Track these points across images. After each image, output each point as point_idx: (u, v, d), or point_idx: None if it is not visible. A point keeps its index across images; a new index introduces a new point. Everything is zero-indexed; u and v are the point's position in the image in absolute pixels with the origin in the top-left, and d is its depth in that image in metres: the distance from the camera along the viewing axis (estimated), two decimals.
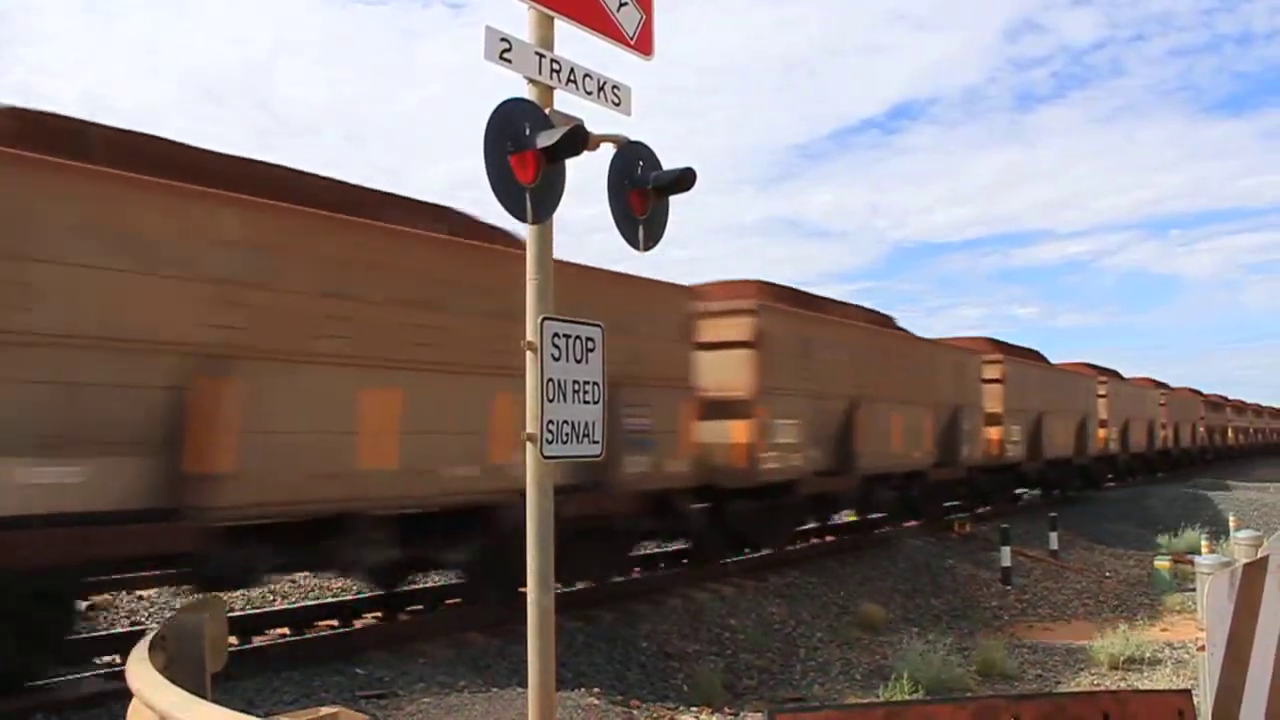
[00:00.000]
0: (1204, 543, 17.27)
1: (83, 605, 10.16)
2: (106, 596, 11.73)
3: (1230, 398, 62.72)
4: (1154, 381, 42.66)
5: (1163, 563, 18.08)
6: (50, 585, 7.30)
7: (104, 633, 10.37)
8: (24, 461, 6.81)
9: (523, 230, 4.37)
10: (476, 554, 10.15)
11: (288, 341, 8.36)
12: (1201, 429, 48.61)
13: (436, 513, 9.78)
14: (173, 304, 7.60)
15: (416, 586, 12.44)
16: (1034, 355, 28.75)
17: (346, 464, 8.71)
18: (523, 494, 4.40)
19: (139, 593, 12.12)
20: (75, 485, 7.05)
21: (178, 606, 8.25)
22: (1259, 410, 72.42)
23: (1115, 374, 36.52)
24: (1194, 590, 12.62)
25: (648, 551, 15.24)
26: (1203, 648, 3.27)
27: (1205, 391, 57.61)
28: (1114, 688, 10.26)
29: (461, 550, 10.16)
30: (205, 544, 7.82)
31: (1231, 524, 17.29)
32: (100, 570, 8.20)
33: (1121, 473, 35.28)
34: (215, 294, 7.87)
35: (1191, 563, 13.32)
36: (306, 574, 13.14)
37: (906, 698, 9.32)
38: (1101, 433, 30.99)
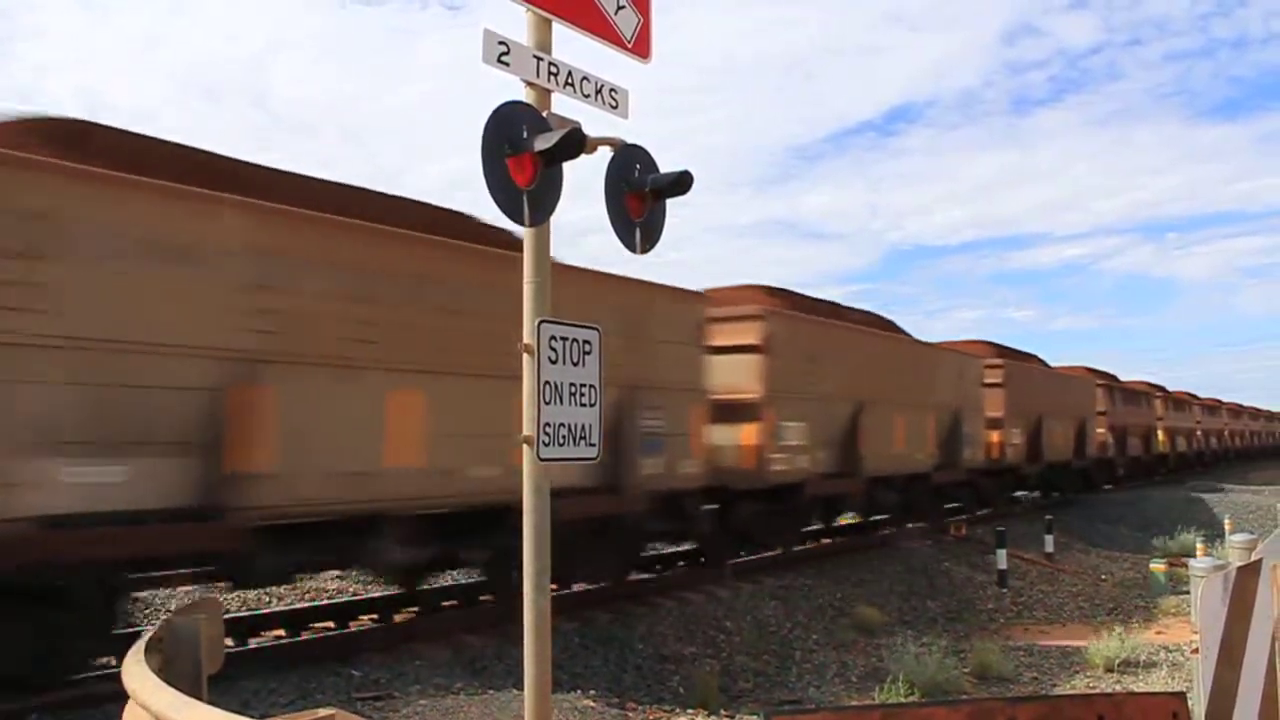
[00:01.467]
0: (1199, 545, 17.28)
1: None
2: None
3: (1169, 389, 47.31)
4: (985, 350, 26.45)
5: (1158, 565, 18.11)
6: None
7: None
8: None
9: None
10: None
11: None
12: (1102, 431, 33.52)
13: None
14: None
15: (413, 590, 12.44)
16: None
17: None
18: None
19: None
20: None
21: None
22: (1214, 406, 56.90)
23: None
24: (1189, 593, 12.63)
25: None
26: (1196, 650, 3.28)
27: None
28: (1109, 690, 10.28)
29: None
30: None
31: (1227, 527, 17.26)
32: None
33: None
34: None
35: (1186, 565, 13.33)
36: (303, 575, 13.14)
37: (902, 700, 9.33)
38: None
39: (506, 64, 4.19)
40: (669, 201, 4.93)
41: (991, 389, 23.62)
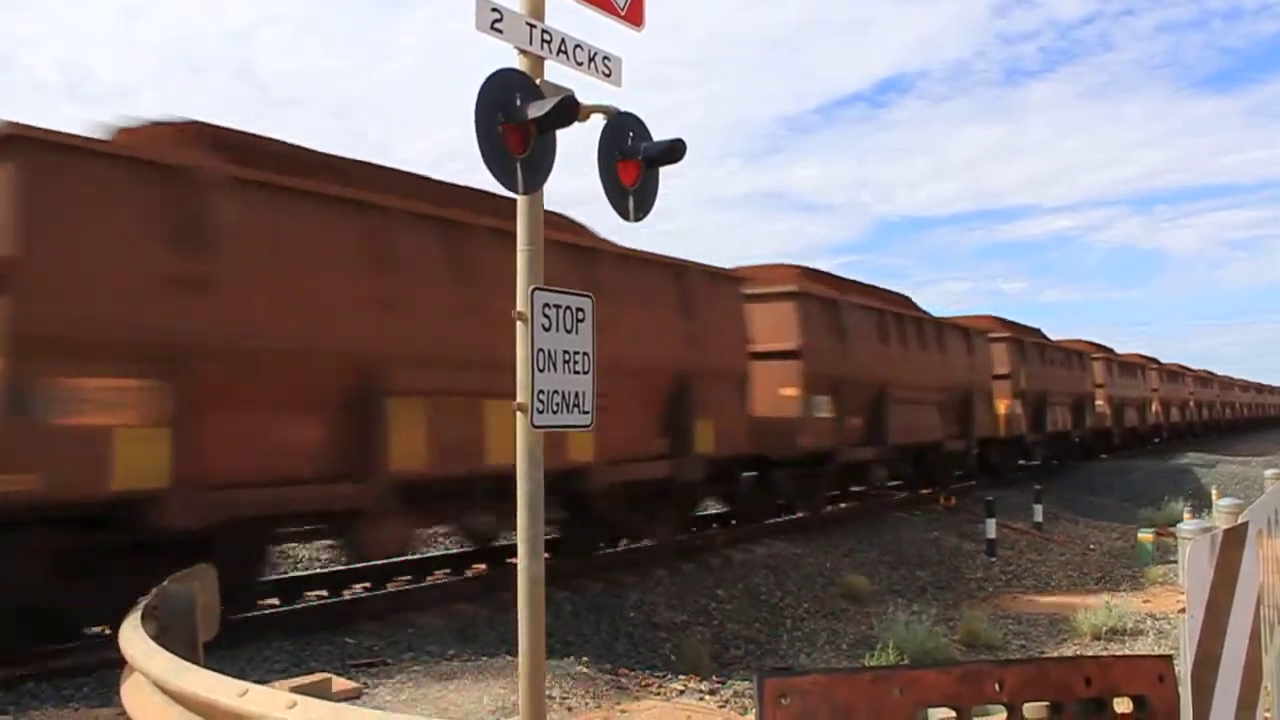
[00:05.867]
0: (1187, 513, 17.42)
1: None
2: None
3: (1162, 361, 45.63)
4: (993, 324, 26.39)
5: (1146, 535, 18.25)
6: None
7: None
8: None
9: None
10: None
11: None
12: (1100, 402, 32.26)
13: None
14: None
15: (406, 558, 12.51)
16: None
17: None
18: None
19: None
20: None
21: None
22: (1205, 378, 54.84)
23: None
24: (1177, 561, 12.78)
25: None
26: (1183, 610, 3.33)
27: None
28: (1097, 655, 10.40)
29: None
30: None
31: (1214, 495, 17.39)
32: None
33: None
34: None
35: (1174, 535, 13.48)
36: (295, 544, 13.22)
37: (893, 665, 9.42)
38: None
39: (500, 31, 4.16)
40: (661, 171, 4.92)
41: (1000, 362, 25.02)
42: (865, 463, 18.24)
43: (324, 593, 11.05)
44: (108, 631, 8.50)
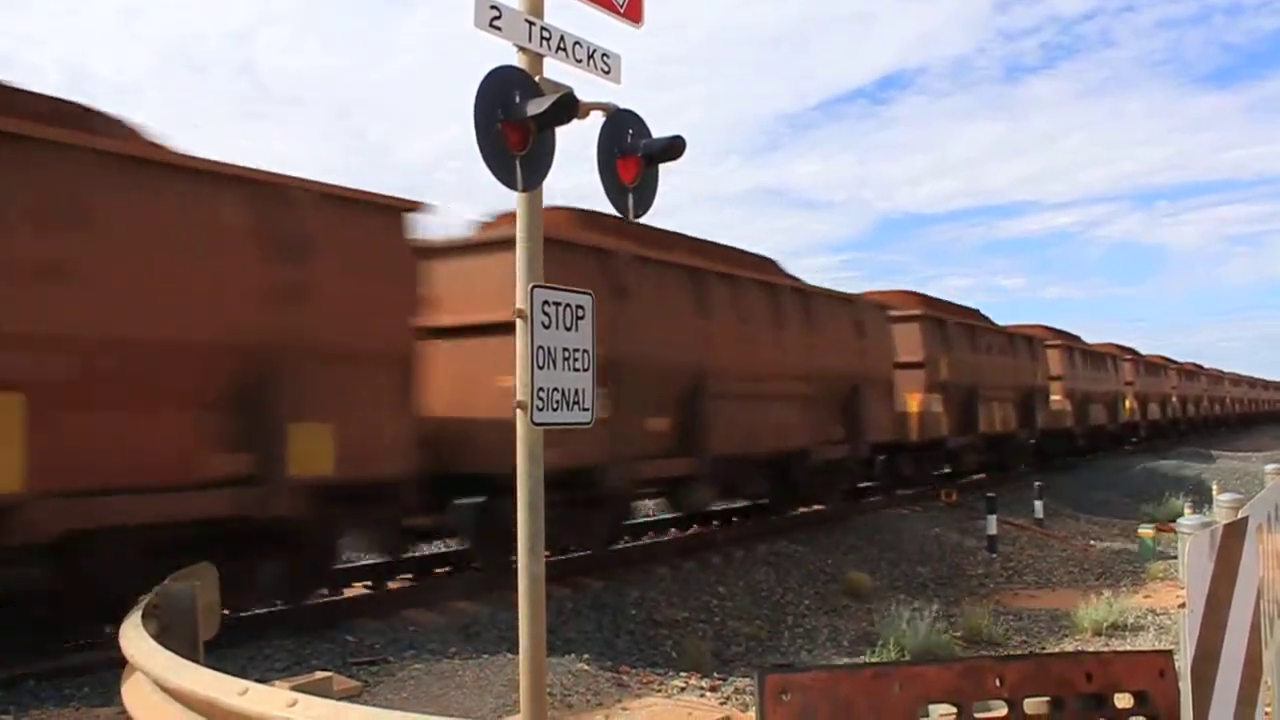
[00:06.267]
0: (1188, 508, 17.44)
1: None
2: None
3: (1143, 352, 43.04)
4: (908, 300, 21.84)
5: (1146, 531, 18.25)
6: None
7: None
8: None
9: None
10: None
11: None
12: (1058, 398, 29.56)
13: None
14: None
15: (406, 556, 12.50)
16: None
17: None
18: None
19: None
20: None
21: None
22: (1193, 371, 53.13)
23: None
24: (1177, 557, 12.79)
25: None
26: (1183, 605, 3.34)
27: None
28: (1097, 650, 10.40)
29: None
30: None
31: (1214, 490, 17.41)
32: None
33: None
34: None
35: (1175, 530, 13.48)
36: None
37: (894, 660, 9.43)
38: None
39: (499, 28, 4.16)
40: (660, 168, 4.92)
41: (909, 347, 19.99)
42: (677, 480, 13.40)
43: (324, 591, 11.04)
44: (109, 631, 8.52)
